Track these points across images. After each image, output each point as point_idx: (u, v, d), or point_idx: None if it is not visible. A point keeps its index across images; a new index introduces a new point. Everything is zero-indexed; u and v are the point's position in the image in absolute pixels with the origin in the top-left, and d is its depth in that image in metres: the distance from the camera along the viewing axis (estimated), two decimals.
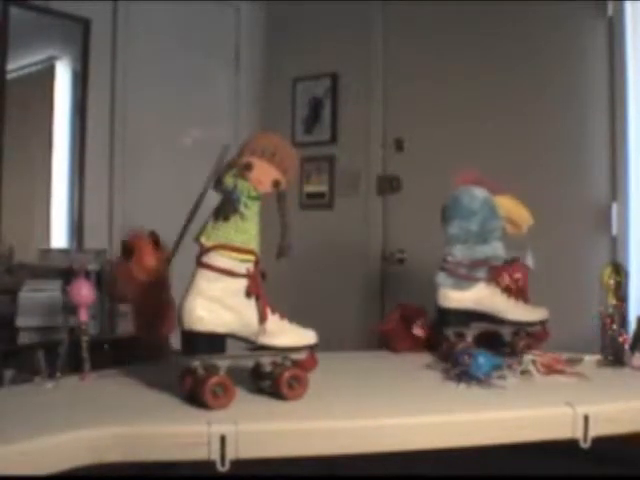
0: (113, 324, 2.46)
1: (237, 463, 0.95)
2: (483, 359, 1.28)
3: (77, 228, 2.83)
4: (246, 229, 1.12)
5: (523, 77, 2.65)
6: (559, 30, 2.58)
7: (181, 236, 1.45)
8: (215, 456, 0.95)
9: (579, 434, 1.07)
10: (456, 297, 1.46)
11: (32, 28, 2.70)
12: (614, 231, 2.44)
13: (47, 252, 2.60)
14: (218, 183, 1.13)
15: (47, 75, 2.81)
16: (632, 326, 1.55)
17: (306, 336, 1.20)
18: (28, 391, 1.22)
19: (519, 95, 2.66)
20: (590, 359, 1.49)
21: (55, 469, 0.90)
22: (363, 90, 3.15)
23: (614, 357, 1.47)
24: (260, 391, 1.18)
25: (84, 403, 1.14)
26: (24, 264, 2.48)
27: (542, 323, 1.59)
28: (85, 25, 2.81)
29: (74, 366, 1.29)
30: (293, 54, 3.40)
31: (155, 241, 1.43)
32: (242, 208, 1.11)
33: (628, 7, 2.43)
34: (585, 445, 1.07)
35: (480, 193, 1.49)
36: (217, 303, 1.09)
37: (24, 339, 2.16)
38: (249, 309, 1.12)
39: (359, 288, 3.05)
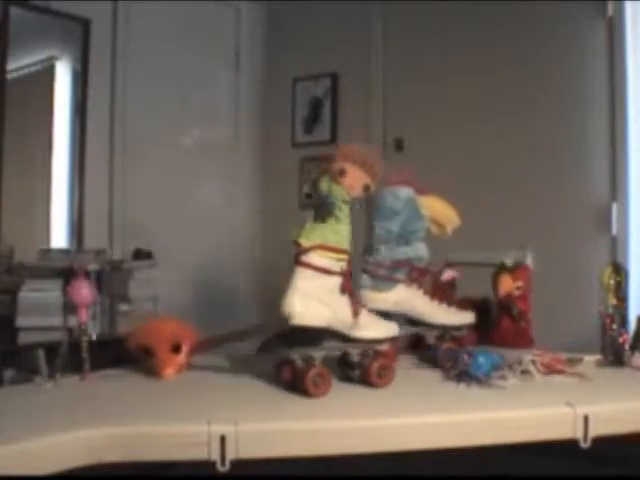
0: (113, 324, 2.46)
1: (237, 463, 0.95)
2: (483, 359, 1.28)
3: (77, 228, 2.83)
4: (340, 230, 1.20)
5: (523, 77, 2.65)
6: (559, 30, 2.58)
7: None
8: (215, 456, 0.95)
9: (579, 434, 1.07)
10: (375, 298, 1.43)
11: (32, 28, 2.70)
12: (614, 231, 2.44)
13: (47, 252, 2.60)
14: (314, 187, 1.22)
15: (47, 75, 2.81)
16: (632, 326, 1.55)
17: (389, 328, 1.29)
18: (28, 391, 1.22)
19: (519, 95, 2.66)
20: (590, 359, 1.49)
21: (55, 469, 0.90)
22: (363, 90, 3.15)
23: (614, 357, 1.47)
24: (347, 379, 1.26)
25: (84, 403, 1.14)
26: (24, 264, 2.48)
27: (468, 327, 1.52)
28: (85, 25, 2.82)
29: (74, 366, 1.29)
30: (293, 54, 3.40)
31: (177, 347, 1.36)
32: (337, 211, 1.19)
33: (628, 7, 2.43)
34: (585, 445, 1.07)
35: (404, 193, 1.45)
36: (314, 299, 1.18)
37: (24, 339, 2.16)
38: (343, 305, 1.21)
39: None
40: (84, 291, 1.32)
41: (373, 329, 1.26)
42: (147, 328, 1.40)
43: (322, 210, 1.19)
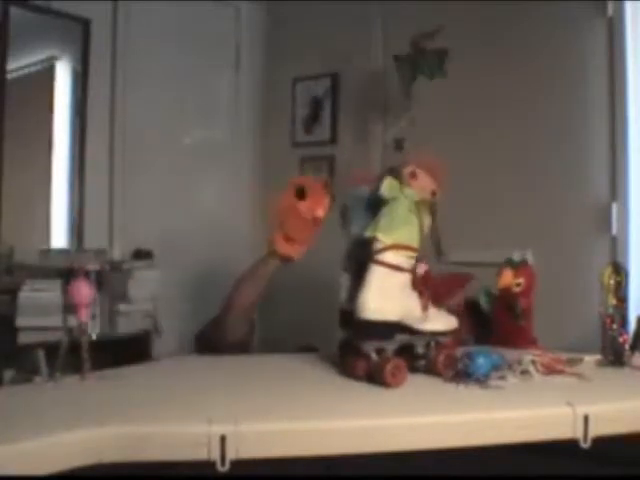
0: (113, 324, 2.46)
1: (237, 463, 0.95)
2: (483, 359, 1.28)
3: (77, 228, 2.83)
4: (412, 230, 1.28)
5: (523, 77, 2.65)
6: (559, 30, 2.58)
7: None
8: (215, 456, 0.95)
9: (579, 434, 1.07)
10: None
11: (32, 28, 2.70)
12: (614, 231, 2.44)
13: (47, 252, 2.60)
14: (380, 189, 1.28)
15: (47, 75, 2.81)
16: (632, 326, 1.55)
17: (451, 321, 1.37)
18: (28, 391, 1.22)
19: (519, 95, 2.66)
20: (590, 359, 1.49)
21: (55, 469, 0.90)
22: (363, 90, 3.15)
23: (614, 357, 1.47)
24: (413, 370, 1.31)
25: (84, 403, 1.14)
26: (24, 264, 2.48)
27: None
28: (85, 25, 2.81)
29: (74, 366, 1.29)
30: (293, 54, 3.40)
31: (327, 186, 1.55)
32: (408, 211, 1.27)
33: (628, 7, 2.43)
34: (585, 445, 1.07)
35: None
36: (388, 295, 1.25)
37: (24, 339, 2.16)
38: (413, 300, 1.29)
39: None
40: (84, 291, 1.32)
41: (438, 322, 1.34)
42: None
43: (393, 210, 1.26)
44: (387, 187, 1.28)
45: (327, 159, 3.20)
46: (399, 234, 1.26)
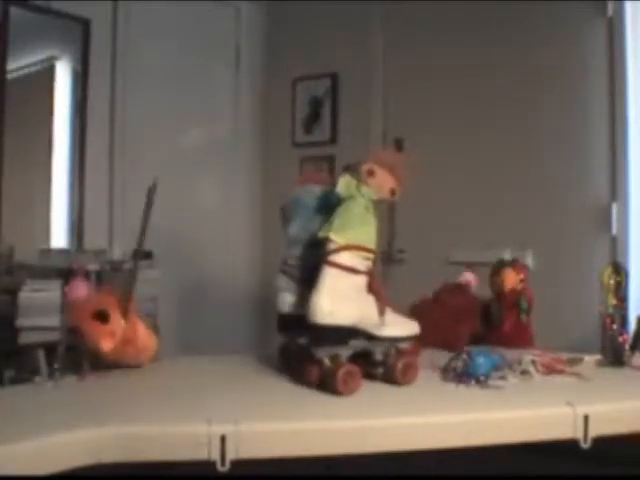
0: None
1: (237, 463, 0.95)
2: (483, 359, 1.28)
3: (77, 228, 2.83)
4: (368, 230, 1.22)
5: (523, 77, 2.65)
6: (559, 30, 2.58)
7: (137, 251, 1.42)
8: (215, 456, 0.95)
9: (579, 434, 1.07)
10: (293, 302, 1.33)
11: (32, 28, 2.70)
12: (614, 231, 2.44)
13: (47, 252, 2.60)
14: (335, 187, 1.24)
15: (47, 75, 2.81)
16: (632, 326, 1.55)
17: (412, 327, 1.31)
18: (28, 391, 1.22)
19: (519, 95, 2.66)
20: (590, 359, 1.49)
21: (55, 469, 0.90)
22: (363, 90, 3.15)
23: (614, 357, 1.47)
24: (370, 377, 1.26)
25: (84, 403, 1.14)
26: (24, 264, 2.47)
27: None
28: (85, 25, 2.81)
29: (74, 366, 1.29)
30: (293, 54, 3.40)
31: (103, 316, 1.31)
32: (365, 210, 1.21)
33: (628, 7, 2.43)
34: (585, 445, 1.07)
35: (321, 192, 1.39)
36: (343, 298, 1.19)
37: (24, 339, 2.15)
38: (370, 304, 1.23)
39: None
40: (82, 291, 1.32)
41: (397, 327, 1.28)
42: (74, 310, 1.37)
43: (348, 209, 1.21)
44: (343, 185, 1.22)
45: (327, 159, 3.20)
46: (354, 234, 1.20)
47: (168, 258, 2.81)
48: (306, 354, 1.29)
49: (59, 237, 2.83)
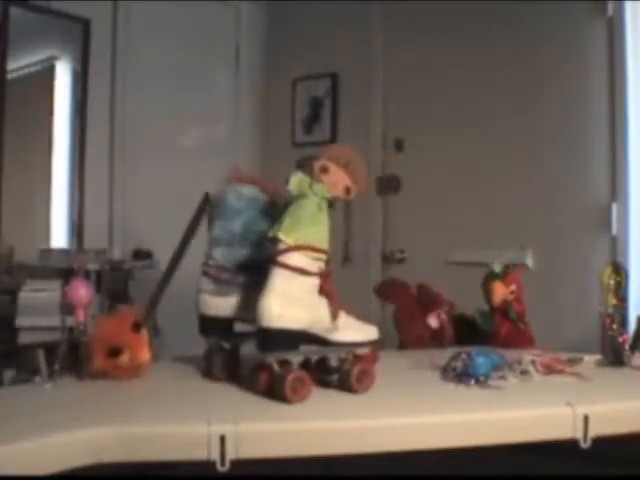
0: None
1: (237, 463, 0.95)
2: (483, 359, 1.28)
3: (77, 228, 2.83)
4: (320, 229, 1.16)
5: (523, 77, 2.65)
6: (559, 30, 2.58)
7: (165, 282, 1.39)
8: (215, 456, 0.95)
9: (579, 434, 1.07)
10: (216, 304, 1.31)
11: (32, 28, 2.70)
12: (614, 231, 2.44)
13: (47, 252, 2.60)
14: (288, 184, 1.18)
15: (47, 75, 2.81)
16: (632, 326, 1.55)
17: (370, 332, 1.25)
18: (28, 391, 1.22)
19: (519, 95, 2.67)
20: (590, 359, 1.49)
21: (55, 469, 0.90)
22: (363, 90, 3.15)
23: (614, 357, 1.47)
24: (325, 385, 1.21)
25: (83, 403, 1.14)
26: (24, 264, 2.48)
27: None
28: (85, 25, 2.81)
29: (74, 366, 1.29)
30: (293, 54, 3.40)
31: (138, 326, 1.30)
32: (317, 209, 1.15)
33: (628, 7, 2.43)
34: (585, 445, 1.07)
35: (247, 191, 1.35)
36: (293, 301, 1.13)
37: (24, 339, 2.16)
38: (322, 306, 1.18)
39: (359, 288, 3.04)
40: (81, 291, 1.32)
41: (352, 332, 1.22)
42: (106, 332, 1.30)
43: (300, 207, 1.15)
44: (295, 183, 1.16)
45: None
46: (304, 234, 1.13)
47: (168, 258, 2.81)
48: (234, 357, 1.28)
49: (59, 237, 2.83)
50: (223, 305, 1.30)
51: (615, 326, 1.48)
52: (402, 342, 1.74)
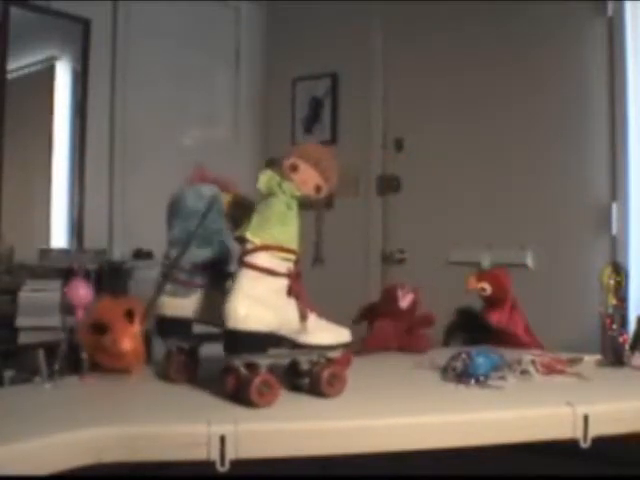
0: None
1: (237, 463, 0.95)
2: (483, 359, 1.28)
3: (77, 228, 2.83)
4: (288, 229, 1.13)
5: (523, 77, 2.65)
6: (559, 30, 2.58)
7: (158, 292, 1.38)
8: (215, 456, 0.95)
9: (579, 434, 1.07)
10: (174, 305, 1.29)
11: (32, 28, 2.70)
12: (614, 231, 2.44)
13: (47, 252, 2.60)
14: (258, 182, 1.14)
15: (47, 75, 2.81)
16: (632, 326, 1.56)
17: (342, 334, 1.21)
18: (28, 391, 1.22)
19: (519, 95, 2.66)
20: (590, 359, 1.49)
21: (55, 469, 0.90)
22: (363, 90, 3.15)
23: (614, 357, 1.47)
24: (297, 389, 1.19)
25: (84, 403, 1.14)
26: (24, 264, 2.48)
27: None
28: (85, 25, 2.82)
29: (74, 366, 1.29)
30: (293, 54, 3.40)
31: (130, 314, 1.31)
32: (286, 208, 1.12)
33: (628, 7, 2.43)
34: (585, 445, 1.07)
35: (207, 191, 1.34)
36: (260, 302, 1.10)
37: (24, 339, 2.16)
38: (290, 308, 1.14)
39: (359, 288, 3.05)
40: (81, 291, 1.32)
41: (323, 335, 1.18)
42: (98, 308, 1.34)
43: (268, 206, 1.12)
44: (264, 181, 1.12)
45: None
46: (272, 234, 1.10)
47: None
48: (193, 359, 1.26)
49: (59, 237, 2.83)
50: (181, 306, 1.28)
51: (615, 326, 1.48)
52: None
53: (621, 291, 1.53)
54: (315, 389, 1.16)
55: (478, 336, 1.74)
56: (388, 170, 3.06)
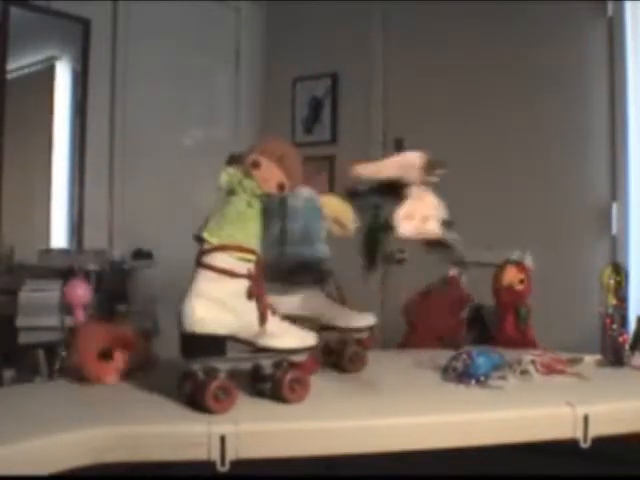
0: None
1: (237, 463, 0.95)
2: (483, 359, 1.28)
3: (77, 228, 2.83)
4: (248, 228, 1.10)
5: (523, 77, 2.65)
6: (559, 30, 2.58)
7: None
8: (215, 456, 0.95)
9: (579, 434, 1.07)
10: (279, 301, 1.29)
11: (32, 28, 2.69)
12: (614, 231, 2.44)
13: (47, 252, 2.60)
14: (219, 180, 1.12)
15: (47, 75, 2.81)
16: (632, 326, 1.55)
17: (307, 338, 1.18)
18: (28, 391, 1.22)
19: (519, 95, 2.67)
20: (590, 359, 1.49)
21: (55, 469, 0.90)
22: (363, 90, 3.15)
23: (614, 357, 1.47)
24: (260, 394, 1.16)
25: (84, 403, 1.14)
26: (24, 264, 2.47)
27: (369, 329, 1.40)
28: (85, 25, 2.81)
29: (73, 366, 1.29)
30: (293, 54, 3.40)
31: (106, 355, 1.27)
32: (246, 206, 1.10)
33: (628, 7, 2.43)
34: (585, 445, 1.07)
35: (303, 192, 1.33)
36: (218, 304, 1.06)
37: (24, 339, 2.15)
38: (250, 310, 1.10)
39: (359, 288, 3.04)
40: (79, 291, 1.32)
41: (284, 338, 1.14)
42: (79, 337, 1.28)
43: (228, 205, 1.09)
44: (225, 179, 1.10)
45: (327, 159, 3.20)
46: (230, 233, 1.08)
47: (168, 258, 2.81)
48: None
49: (59, 237, 2.83)
50: (285, 302, 1.30)
51: (615, 326, 1.48)
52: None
53: (621, 291, 1.53)
54: (276, 394, 1.12)
55: (488, 334, 1.75)
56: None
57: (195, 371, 1.08)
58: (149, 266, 2.71)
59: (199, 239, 1.09)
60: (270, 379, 1.14)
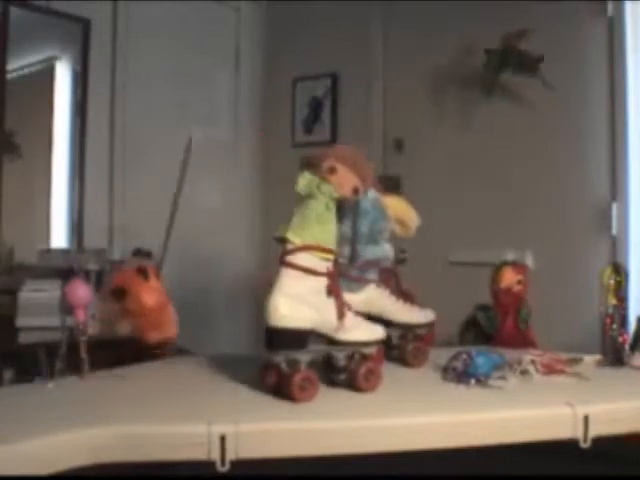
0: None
1: (237, 463, 0.95)
2: (483, 359, 1.28)
3: (77, 228, 2.83)
4: (327, 229, 1.18)
5: (523, 77, 2.65)
6: (559, 30, 2.58)
7: (167, 239, 1.46)
8: (215, 456, 0.95)
9: (579, 434, 1.07)
10: (348, 300, 1.33)
11: (32, 28, 2.70)
12: (614, 231, 2.44)
13: (47, 252, 2.60)
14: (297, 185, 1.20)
15: (47, 75, 2.81)
16: (632, 326, 1.56)
17: (376, 331, 1.26)
18: (28, 391, 1.22)
19: (519, 95, 2.66)
20: (590, 359, 1.49)
21: (55, 469, 0.90)
22: (363, 90, 3.15)
23: (614, 357, 1.47)
24: (333, 383, 1.22)
25: (84, 403, 1.14)
26: (24, 264, 2.48)
27: (429, 325, 1.49)
28: (85, 25, 2.82)
29: (74, 366, 1.29)
30: (293, 54, 3.40)
31: (144, 272, 1.41)
32: (325, 209, 1.17)
33: (628, 7, 2.44)
34: (585, 445, 1.07)
35: (370, 193, 1.41)
36: (300, 301, 1.15)
37: (24, 339, 2.16)
38: (329, 306, 1.18)
39: None
40: (80, 292, 1.32)
41: (360, 332, 1.23)
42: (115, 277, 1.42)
43: (308, 207, 1.17)
44: (304, 183, 1.17)
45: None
46: (312, 234, 1.15)
47: (168, 258, 2.81)
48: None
49: (59, 237, 2.83)
50: (354, 301, 1.34)
51: (615, 326, 1.48)
52: None
53: (621, 291, 1.52)
54: (352, 384, 1.21)
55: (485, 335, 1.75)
56: (388, 170, 3.06)
57: (278, 362, 1.16)
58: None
59: (281, 240, 1.16)
60: (345, 370, 1.22)
